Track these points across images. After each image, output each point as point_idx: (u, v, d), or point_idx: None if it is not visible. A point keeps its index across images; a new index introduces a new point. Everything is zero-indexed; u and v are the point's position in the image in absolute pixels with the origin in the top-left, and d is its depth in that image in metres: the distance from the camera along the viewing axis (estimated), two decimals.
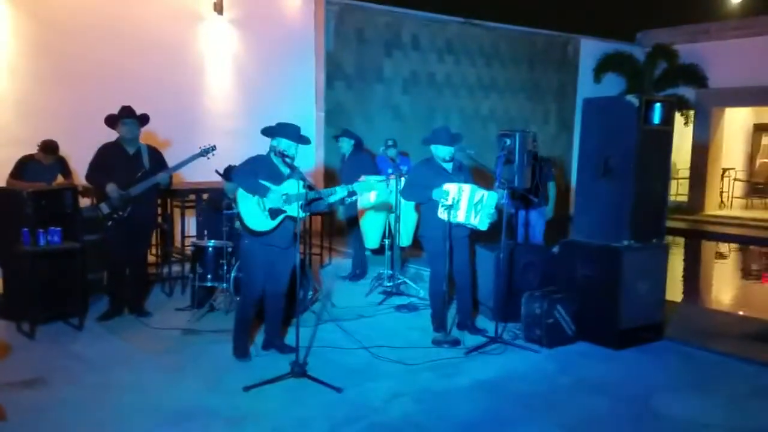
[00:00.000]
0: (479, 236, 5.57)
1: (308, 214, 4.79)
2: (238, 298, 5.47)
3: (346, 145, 7.57)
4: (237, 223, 5.23)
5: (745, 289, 9.13)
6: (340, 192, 4.80)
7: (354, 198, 5.16)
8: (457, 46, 11.57)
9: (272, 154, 4.81)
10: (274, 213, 4.71)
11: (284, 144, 4.72)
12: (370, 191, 4.67)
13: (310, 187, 4.70)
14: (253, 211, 4.72)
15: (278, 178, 4.75)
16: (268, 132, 4.83)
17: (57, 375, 4.53)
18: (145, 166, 5.75)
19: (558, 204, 7.51)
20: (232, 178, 4.95)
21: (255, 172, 4.71)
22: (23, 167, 6.52)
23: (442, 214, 5.09)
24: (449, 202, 5.04)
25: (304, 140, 4.82)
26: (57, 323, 5.57)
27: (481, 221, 5.17)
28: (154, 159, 5.86)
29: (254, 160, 4.82)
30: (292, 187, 4.70)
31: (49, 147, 6.54)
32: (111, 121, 5.71)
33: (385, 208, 7.11)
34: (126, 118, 5.69)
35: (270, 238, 4.76)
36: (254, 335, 5.23)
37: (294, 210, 4.70)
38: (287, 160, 4.70)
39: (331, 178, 9.57)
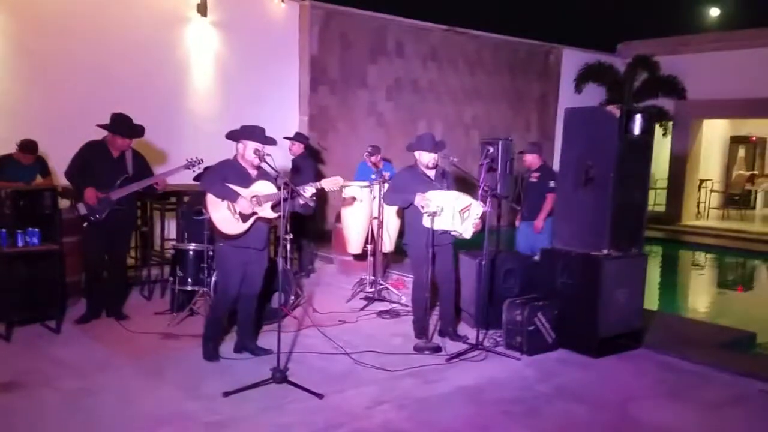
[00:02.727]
0: (465, 244, 5.59)
1: (278, 214, 4.82)
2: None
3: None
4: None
5: (721, 299, 9.26)
6: (309, 189, 4.73)
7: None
8: (441, 54, 11.62)
9: (239, 158, 4.82)
10: (245, 216, 4.71)
11: (251, 147, 4.73)
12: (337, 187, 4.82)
13: (285, 184, 4.61)
14: (224, 216, 4.72)
15: (247, 181, 4.77)
16: (233, 135, 4.84)
17: (33, 378, 4.47)
18: (129, 171, 5.70)
19: None
20: (199, 184, 4.95)
21: (223, 177, 4.72)
22: (2, 167, 6.43)
23: (426, 220, 5.11)
24: (433, 210, 5.06)
25: (270, 141, 4.83)
26: (34, 325, 5.50)
27: (465, 229, 5.19)
28: (138, 164, 5.81)
29: (222, 165, 4.85)
30: (262, 188, 4.73)
31: (28, 146, 6.47)
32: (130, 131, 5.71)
33: (367, 213, 7.12)
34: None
35: (245, 241, 4.78)
36: (223, 338, 5.24)
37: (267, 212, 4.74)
38: (255, 161, 4.74)
39: None
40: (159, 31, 8.39)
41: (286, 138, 7.73)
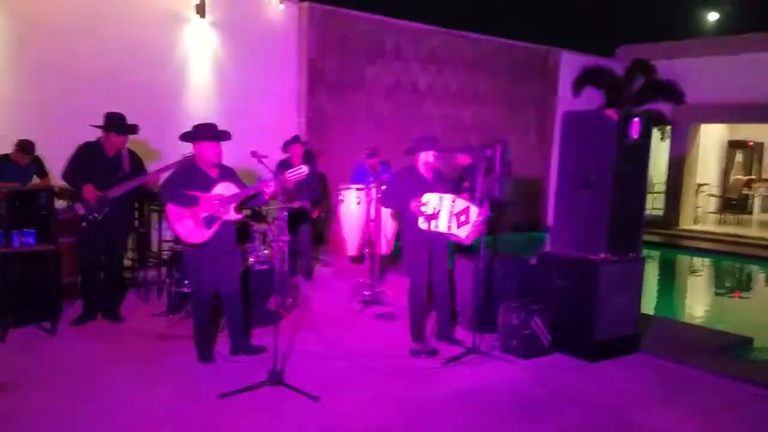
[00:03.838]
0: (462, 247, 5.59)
1: (247, 212, 4.80)
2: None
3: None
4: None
5: (718, 304, 9.26)
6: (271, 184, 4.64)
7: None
8: (439, 56, 11.62)
9: (196, 160, 4.78)
10: (209, 221, 4.68)
11: (205, 146, 4.68)
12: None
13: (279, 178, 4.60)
14: (186, 226, 4.68)
15: (208, 183, 4.72)
16: (186, 138, 4.78)
17: (28, 379, 4.46)
18: (125, 170, 5.69)
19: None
20: (159, 194, 4.89)
21: (181, 184, 4.67)
22: None
23: (422, 223, 5.10)
24: (429, 212, 5.05)
25: (224, 136, 4.77)
26: (29, 326, 5.48)
27: (467, 235, 5.16)
28: (134, 163, 5.80)
29: (179, 172, 4.80)
30: (224, 190, 4.69)
31: (25, 147, 6.45)
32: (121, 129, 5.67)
33: (364, 215, 7.11)
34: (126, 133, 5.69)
35: (212, 245, 4.75)
36: (216, 339, 5.25)
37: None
38: (214, 160, 4.71)
39: None
40: (157, 32, 8.38)
41: (286, 143, 7.73)
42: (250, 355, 5.00)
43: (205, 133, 4.71)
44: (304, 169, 4.70)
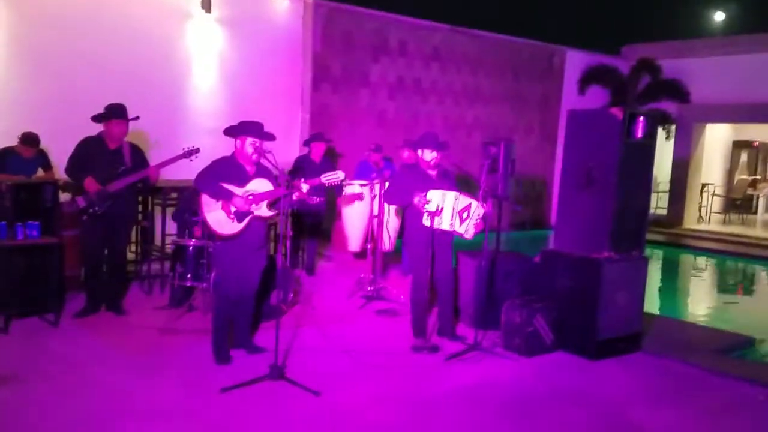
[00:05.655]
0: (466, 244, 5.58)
1: (275, 212, 4.78)
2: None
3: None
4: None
5: (721, 303, 9.24)
6: (304, 185, 4.72)
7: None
8: (443, 53, 11.61)
9: (236, 154, 4.78)
10: (240, 215, 4.68)
11: (248, 143, 4.69)
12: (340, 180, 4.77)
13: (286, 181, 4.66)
14: (218, 216, 4.68)
15: (244, 179, 4.72)
16: (230, 132, 4.80)
17: (30, 372, 4.47)
18: (126, 164, 5.69)
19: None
20: (193, 182, 4.89)
21: (218, 176, 4.67)
22: (3, 159, 6.43)
23: (426, 220, 5.10)
24: (433, 209, 5.04)
25: (268, 136, 4.78)
26: (32, 318, 5.50)
27: (466, 230, 5.17)
28: (136, 157, 5.79)
29: (217, 163, 4.78)
30: (259, 186, 4.70)
31: (29, 139, 6.47)
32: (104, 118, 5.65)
33: (368, 211, 7.11)
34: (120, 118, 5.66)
35: (241, 240, 4.74)
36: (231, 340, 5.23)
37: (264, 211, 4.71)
38: (254, 157, 4.71)
39: None
40: (163, 27, 8.38)
41: (306, 142, 7.76)
42: (249, 353, 4.99)
43: (250, 129, 4.73)
44: (340, 175, 4.79)
